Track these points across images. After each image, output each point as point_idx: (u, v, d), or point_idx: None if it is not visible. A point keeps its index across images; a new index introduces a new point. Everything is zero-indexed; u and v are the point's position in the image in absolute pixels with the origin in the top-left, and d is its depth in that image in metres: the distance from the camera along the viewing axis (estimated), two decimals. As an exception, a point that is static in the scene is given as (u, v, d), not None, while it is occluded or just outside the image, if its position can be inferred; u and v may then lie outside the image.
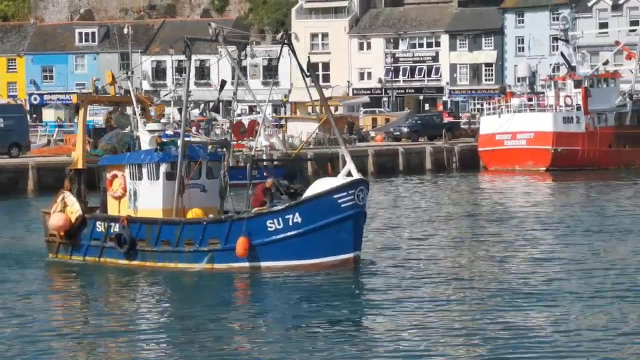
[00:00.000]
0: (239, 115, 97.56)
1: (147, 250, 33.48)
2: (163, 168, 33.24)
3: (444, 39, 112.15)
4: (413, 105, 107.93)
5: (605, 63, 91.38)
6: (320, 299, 28.85)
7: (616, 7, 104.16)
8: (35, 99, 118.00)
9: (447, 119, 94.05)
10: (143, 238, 33.36)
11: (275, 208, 32.13)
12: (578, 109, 77.64)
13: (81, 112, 37.24)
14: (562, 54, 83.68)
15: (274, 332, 24.54)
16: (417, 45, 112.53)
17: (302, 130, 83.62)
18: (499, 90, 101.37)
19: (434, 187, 64.97)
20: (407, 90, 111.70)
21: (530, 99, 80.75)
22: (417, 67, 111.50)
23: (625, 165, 77.86)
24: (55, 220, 34.31)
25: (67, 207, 34.32)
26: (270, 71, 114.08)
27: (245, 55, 36.71)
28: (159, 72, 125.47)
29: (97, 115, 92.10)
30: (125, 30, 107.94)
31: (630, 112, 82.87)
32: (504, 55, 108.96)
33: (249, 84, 37.21)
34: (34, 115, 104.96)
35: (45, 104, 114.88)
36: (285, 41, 34.51)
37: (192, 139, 36.18)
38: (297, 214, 31.71)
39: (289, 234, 31.82)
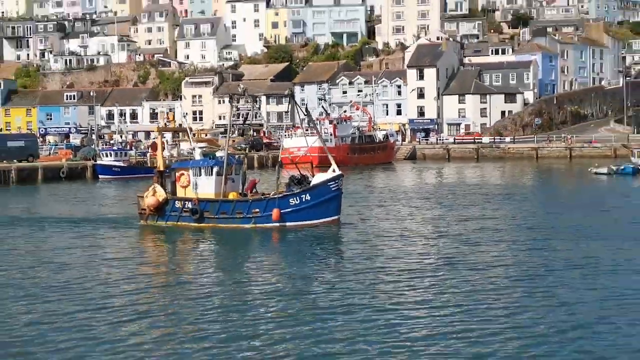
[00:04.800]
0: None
1: (211, 217, 34.76)
2: (215, 169, 35.18)
3: (263, 99, 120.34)
4: (237, 133, 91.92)
5: (344, 112, 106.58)
6: (322, 242, 31.34)
7: (351, 82, 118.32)
8: (42, 130, 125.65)
9: (266, 140, 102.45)
10: (208, 210, 34.86)
11: (295, 191, 33.85)
12: (331, 134, 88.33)
13: (159, 136, 40.39)
14: (323, 107, 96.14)
15: (297, 268, 25.38)
16: (249, 102, 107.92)
17: (188, 147, 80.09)
18: (292, 124, 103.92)
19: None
20: (244, 124, 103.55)
21: (307, 130, 77.20)
22: (248, 113, 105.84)
23: (355, 164, 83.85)
24: (150, 200, 35.78)
25: (156, 193, 35.86)
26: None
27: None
28: None
29: (76, 139, 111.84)
30: None
31: (357, 137, 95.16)
32: (294, 107, 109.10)
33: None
34: (41, 139, 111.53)
35: (47, 134, 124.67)
36: (292, 95, 39.97)
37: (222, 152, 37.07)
38: (307, 195, 33.59)
39: (303, 206, 33.58)
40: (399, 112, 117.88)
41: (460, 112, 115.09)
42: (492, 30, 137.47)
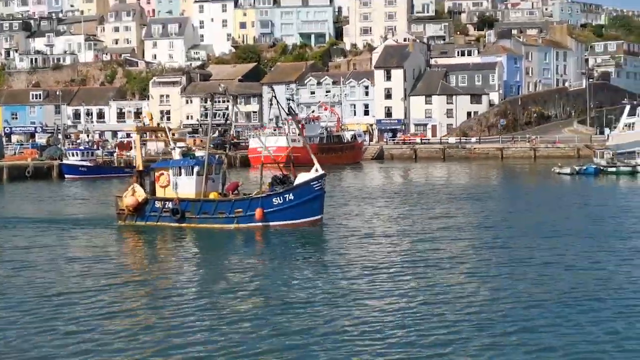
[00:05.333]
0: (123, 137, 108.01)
1: (192, 217, 34.42)
2: (196, 169, 34.76)
3: (231, 99, 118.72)
4: (218, 133, 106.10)
5: (312, 112, 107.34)
6: (307, 242, 31.20)
7: (319, 83, 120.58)
8: (7, 129, 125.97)
9: (234, 140, 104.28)
10: (189, 210, 34.51)
11: (278, 191, 33.62)
12: (299, 134, 79.78)
13: (137, 136, 39.24)
14: (291, 107, 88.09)
15: (279, 267, 25.47)
16: (219, 102, 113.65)
17: (156, 147, 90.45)
18: (260, 125, 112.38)
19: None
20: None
21: (274, 130, 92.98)
22: (217, 113, 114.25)
23: (323, 164, 79.23)
24: (129, 200, 35.36)
25: (135, 193, 35.45)
26: (138, 114, 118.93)
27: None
28: None
29: (42, 139, 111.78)
30: None
31: (326, 137, 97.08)
32: (262, 107, 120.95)
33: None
34: (7, 138, 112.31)
35: (12, 133, 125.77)
36: (274, 96, 41.38)
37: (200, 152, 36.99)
38: (291, 194, 33.33)
39: (286, 206, 33.30)
40: (366, 113, 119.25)
41: (426, 112, 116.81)
42: (458, 32, 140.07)
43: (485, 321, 18.33)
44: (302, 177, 33.75)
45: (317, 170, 33.65)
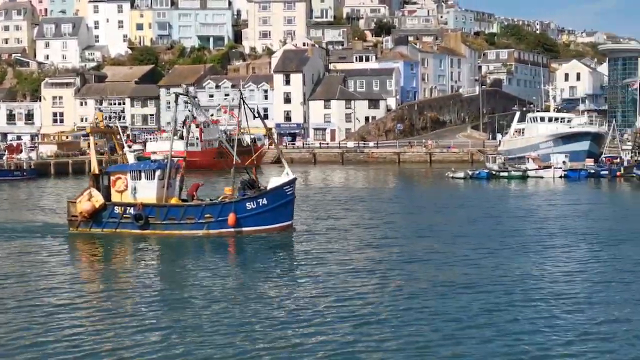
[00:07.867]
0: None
1: (157, 223, 33.23)
2: (158, 172, 33.71)
3: (128, 102, 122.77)
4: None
5: (212, 115, 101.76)
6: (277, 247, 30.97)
7: (218, 86, 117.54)
8: None
9: (130, 143, 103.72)
10: (153, 215, 33.28)
11: (252, 195, 33.15)
12: (197, 138, 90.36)
13: (91, 137, 38.10)
14: (189, 110, 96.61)
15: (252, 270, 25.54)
16: (114, 104, 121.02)
17: (48, 150, 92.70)
18: (157, 128, 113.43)
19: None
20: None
21: (175, 133, 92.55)
22: (112, 116, 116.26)
23: (221, 168, 75.44)
24: (85, 206, 33.90)
25: (92, 197, 34.09)
26: (30, 117, 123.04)
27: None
28: None
29: None
30: None
31: (225, 141, 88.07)
32: (160, 110, 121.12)
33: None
34: None
35: None
36: (242, 97, 38.96)
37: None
38: (264, 199, 32.98)
39: (259, 211, 32.94)
40: (265, 117, 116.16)
41: (325, 117, 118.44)
42: (356, 38, 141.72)
43: (374, 314, 19.25)
44: (274, 182, 33.53)
45: (288, 174, 33.33)
